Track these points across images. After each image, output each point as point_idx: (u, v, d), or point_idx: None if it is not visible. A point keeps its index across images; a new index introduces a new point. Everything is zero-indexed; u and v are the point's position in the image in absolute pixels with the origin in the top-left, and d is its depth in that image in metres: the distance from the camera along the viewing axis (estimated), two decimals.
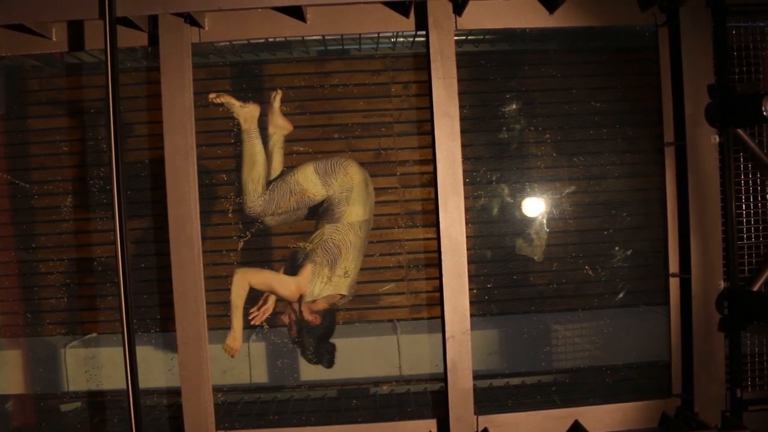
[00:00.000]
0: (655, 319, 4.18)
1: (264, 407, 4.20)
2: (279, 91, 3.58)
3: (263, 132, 3.52)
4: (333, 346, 3.51)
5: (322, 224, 3.42)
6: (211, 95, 3.40)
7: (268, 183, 3.45)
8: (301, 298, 3.38)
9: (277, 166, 3.57)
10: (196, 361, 3.24)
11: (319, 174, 3.40)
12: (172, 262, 3.22)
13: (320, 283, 3.34)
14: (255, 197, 3.39)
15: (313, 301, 3.39)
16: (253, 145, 3.41)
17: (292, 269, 3.44)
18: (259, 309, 3.58)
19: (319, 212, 3.47)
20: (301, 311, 3.42)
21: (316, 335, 3.44)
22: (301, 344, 3.49)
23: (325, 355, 3.49)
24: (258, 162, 3.40)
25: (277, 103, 3.55)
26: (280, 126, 3.57)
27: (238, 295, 3.34)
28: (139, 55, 4.29)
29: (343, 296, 3.47)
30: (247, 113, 3.42)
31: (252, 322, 3.55)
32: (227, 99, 3.40)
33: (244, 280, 3.34)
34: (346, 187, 3.39)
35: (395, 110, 4.63)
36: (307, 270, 3.35)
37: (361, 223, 3.42)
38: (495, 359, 4.51)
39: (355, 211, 3.40)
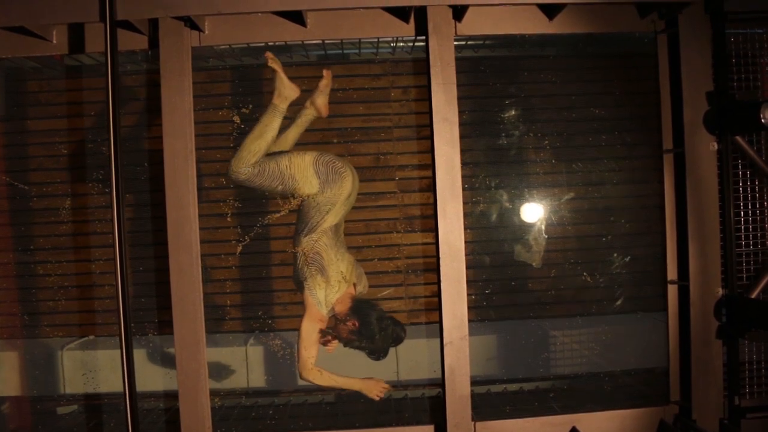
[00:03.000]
0: (653, 326, 4.18)
1: (261, 412, 4.19)
2: (329, 72, 3.48)
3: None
4: (390, 321, 3.37)
5: (299, 239, 3.34)
6: (268, 54, 3.28)
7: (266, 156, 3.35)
8: (325, 315, 3.35)
9: (289, 142, 3.50)
10: (194, 365, 3.23)
11: (320, 179, 3.34)
12: (171, 265, 3.21)
13: (321, 291, 3.31)
14: (243, 165, 3.25)
15: (333, 311, 3.36)
16: (272, 120, 3.28)
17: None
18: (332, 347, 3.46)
19: (297, 224, 3.39)
20: (338, 326, 3.39)
21: (368, 328, 3.33)
22: (368, 346, 3.38)
23: (392, 333, 3.36)
24: (266, 138, 3.27)
25: (324, 83, 3.46)
26: (317, 106, 3.48)
27: (324, 380, 3.27)
28: (139, 58, 4.30)
29: (355, 285, 3.41)
30: (286, 91, 3.30)
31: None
32: (278, 67, 3.29)
33: (309, 366, 3.25)
34: (333, 200, 3.33)
35: (395, 115, 4.63)
36: (306, 293, 3.32)
37: (332, 227, 3.36)
38: (493, 365, 4.51)
39: (329, 220, 3.34)
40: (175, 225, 3.21)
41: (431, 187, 3.30)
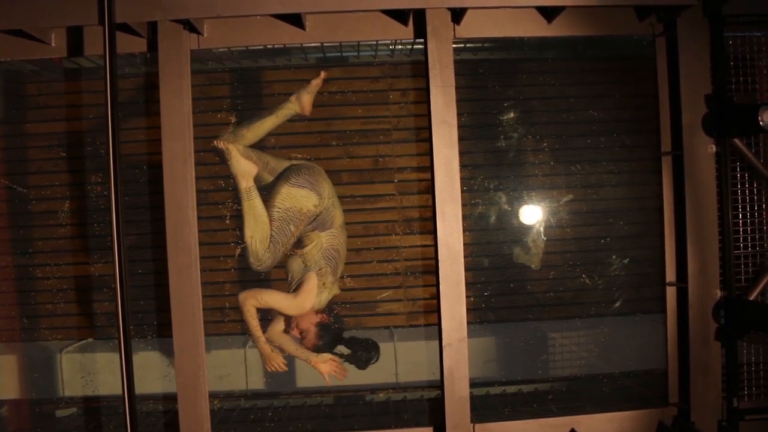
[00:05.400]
0: (652, 328, 4.18)
1: (260, 414, 4.19)
2: (325, 73, 3.55)
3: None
4: (362, 345, 3.49)
5: (316, 234, 3.41)
6: (217, 141, 3.36)
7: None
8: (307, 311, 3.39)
9: (262, 131, 3.50)
10: (193, 368, 3.24)
11: (309, 188, 3.37)
12: (170, 268, 3.21)
13: (326, 291, 3.36)
14: (262, 253, 3.32)
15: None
16: (254, 205, 3.32)
17: (295, 286, 3.45)
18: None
19: (311, 224, 3.45)
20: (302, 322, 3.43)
21: (334, 336, 3.44)
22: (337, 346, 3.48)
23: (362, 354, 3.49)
24: (260, 221, 3.32)
25: (315, 83, 3.52)
26: (302, 103, 3.51)
27: (249, 319, 3.36)
28: (138, 61, 4.29)
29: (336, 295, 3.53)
30: (245, 169, 3.35)
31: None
32: (231, 148, 3.34)
33: (249, 306, 3.34)
34: (332, 192, 3.44)
35: (393, 117, 4.64)
36: (311, 283, 3.35)
37: (343, 224, 3.50)
38: (492, 367, 4.51)
39: (339, 213, 3.47)
40: (174, 227, 3.21)
41: (430, 190, 3.31)
